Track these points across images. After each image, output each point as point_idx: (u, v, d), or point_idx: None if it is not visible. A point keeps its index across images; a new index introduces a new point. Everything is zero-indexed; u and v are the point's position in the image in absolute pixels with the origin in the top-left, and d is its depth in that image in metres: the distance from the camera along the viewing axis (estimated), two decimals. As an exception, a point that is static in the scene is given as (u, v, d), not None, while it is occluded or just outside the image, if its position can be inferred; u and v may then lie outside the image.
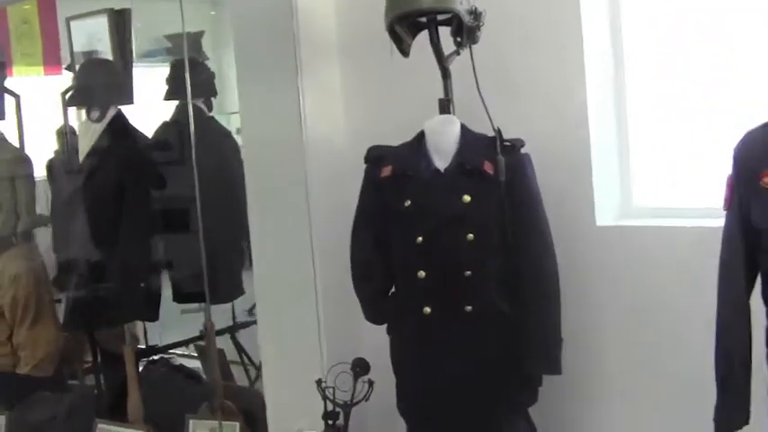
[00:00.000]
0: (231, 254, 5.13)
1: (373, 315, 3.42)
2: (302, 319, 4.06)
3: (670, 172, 3.43)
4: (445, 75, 3.25)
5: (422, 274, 3.15)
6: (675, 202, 3.39)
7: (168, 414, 4.97)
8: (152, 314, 4.79)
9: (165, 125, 5.17)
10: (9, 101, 5.56)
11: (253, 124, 4.15)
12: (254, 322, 5.89)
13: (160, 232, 4.76)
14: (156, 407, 4.97)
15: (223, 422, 4.55)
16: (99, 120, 4.67)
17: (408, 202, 3.18)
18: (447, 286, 3.15)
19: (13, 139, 5.47)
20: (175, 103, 5.20)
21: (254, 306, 5.84)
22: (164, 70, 5.57)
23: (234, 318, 5.77)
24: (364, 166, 3.37)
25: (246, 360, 5.99)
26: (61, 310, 5.45)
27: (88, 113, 4.70)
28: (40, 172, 5.47)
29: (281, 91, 4.01)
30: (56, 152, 5.70)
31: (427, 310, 3.16)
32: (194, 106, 5.08)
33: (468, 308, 3.13)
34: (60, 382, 5.49)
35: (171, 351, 5.78)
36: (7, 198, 5.21)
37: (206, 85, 5.16)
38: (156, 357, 5.48)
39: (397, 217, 3.21)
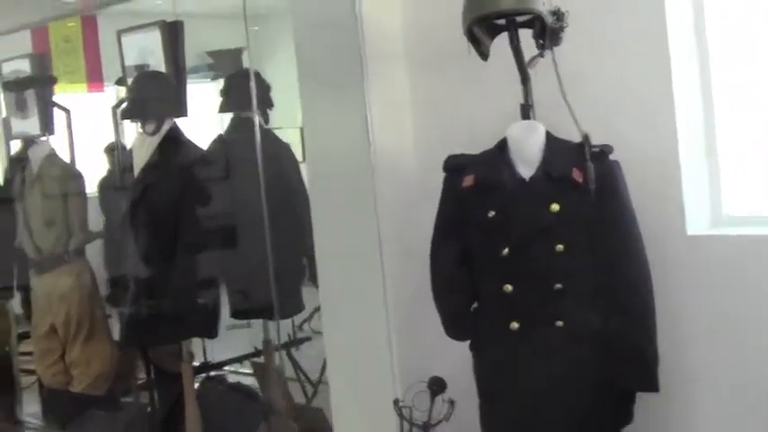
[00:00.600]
0: (290, 269, 5.04)
1: (456, 331, 3.30)
2: (372, 336, 3.97)
3: (761, 179, 3.32)
4: (525, 79, 3.14)
5: (508, 287, 3.05)
6: (766, 209, 3.28)
7: (225, 434, 4.92)
8: (211, 331, 4.71)
9: (220, 138, 5.10)
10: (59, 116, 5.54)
11: (317, 137, 4.05)
12: (309, 338, 5.89)
13: (217, 247, 4.66)
14: (212, 426, 4.91)
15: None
16: (154, 133, 4.61)
17: (492, 213, 3.08)
18: (536, 300, 3.04)
19: (64, 155, 5.44)
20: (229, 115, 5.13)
21: (303, 321, 5.81)
22: (205, 86, 5.53)
23: (294, 333, 5.67)
24: (435, 176, 3.28)
25: (303, 377, 5.91)
26: (115, 327, 5.44)
27: (143, 127, 4.64)
28: (90, 188, 5.44)
29: (347, 102, 3.92)
30: (108, 169, 5.68)
31: (515, 325, 3.05)
32: (249, 119, 5.05)
33: (559, 323, 3.02)
34: (113, 401, 5.44)
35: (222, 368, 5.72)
36: (59, 215, 5.18)
37: (262, 98, 5.08)
38: (211, 374, 5.41)
39: (481, 228, 3.11)
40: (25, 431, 5.89)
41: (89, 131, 5.82)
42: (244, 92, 5.02)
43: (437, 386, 3.55)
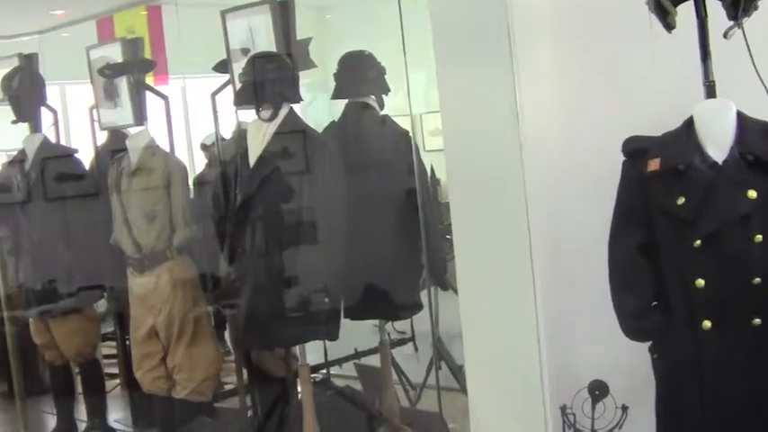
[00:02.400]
0: (410, 266, 4.87)
1: (636, 331, 3.10)
2: (518, 338, 3.77)
3: None
4: (706, 55, 2.96)
5: (700, 282, 2.86)
6: None
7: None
8: (332, 332, 4.53)
9: (332, 125, 4.94)
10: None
11: (458, 121, 3.87)
12: (411, 339, 5.74)
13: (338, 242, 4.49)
14: (326, 434, 4.75)
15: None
16: (271, 119, 4.45)
17: (682, 200, 2.89)
18: (731, 296, 2.85)
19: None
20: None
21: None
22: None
23: (414, 333, 5.53)
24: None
25: (405, 380, 5.76)
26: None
27: (257, 112, 4.48)
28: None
29: (491, 83, 3.74)
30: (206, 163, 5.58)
31: (707, 324, 2.87)
32: (365, 104, 4.90)
33: (757, 321, 2.83)
34: (211, 407, 5.31)
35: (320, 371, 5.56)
36: (161, 209, 5.04)
37: (377, 82, 4.92)
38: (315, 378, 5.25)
39: (669, 217, 2.93)
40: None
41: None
42: (358, 76, 4.88)
43: (600, 391, 3.41)
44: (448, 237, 5.04)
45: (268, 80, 4.42)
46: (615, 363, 3.43)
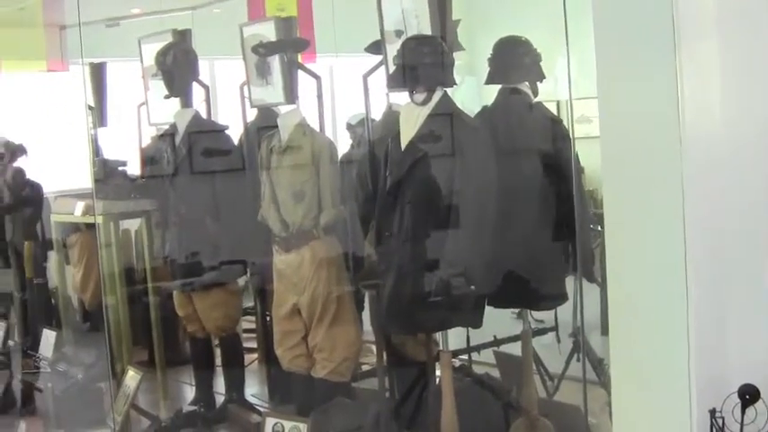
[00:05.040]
0: (556, 256, 4.90)
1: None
2: (667, 337, 3.78)
3: None
4: None
5: None
6: None
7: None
8: (476, 320, 4.61)
9: (485, 110, 5.01)
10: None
11: (615, 110, 3.88)
12: (553, 329, 5.75)
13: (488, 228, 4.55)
14: (463, 421, 4.82)
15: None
16: (424, 103, 4.53)
17: None
18: None
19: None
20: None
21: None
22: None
23: (557, 323, 5.55)
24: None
25: (543, 370, 5.79)
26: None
27: (411, 96, 4.57)
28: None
29: (652, 73, 3.73)
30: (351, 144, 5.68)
31: None
32: (519, 90, 4.94)
33: None
34: (350, 387, 5.44)
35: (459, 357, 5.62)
36: (310, 187, 5.17)
37: (532, 69, 4.95)
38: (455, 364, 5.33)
39: None
40: (254, 413, 5.94)
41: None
42: (513, 62, 4.93)
43: (750, 396, 3.39)
44: (591, 226, 5.08)
45: (423, 64, 4.50)
46: (768, 367, 3.42)
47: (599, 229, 4.76)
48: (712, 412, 3.37)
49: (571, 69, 4.84)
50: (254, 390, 6.55)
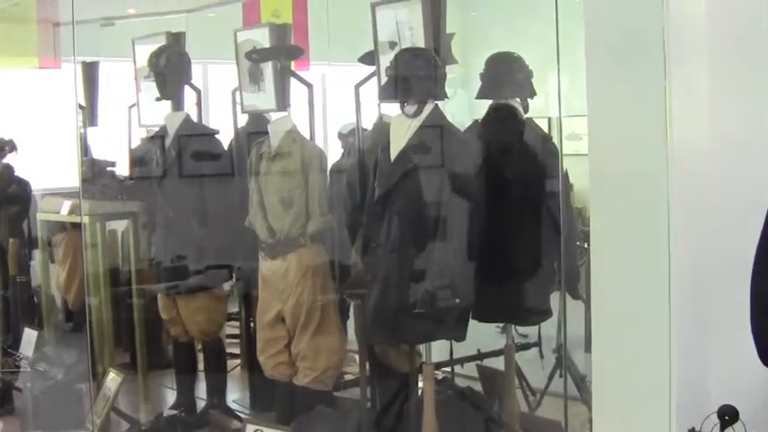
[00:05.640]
0: (543, 272, 4.94)
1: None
2: (648, 354, 3.81)
3: None
4: None
5: None
6: None
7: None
8: (460, 333, 4.65)
9: (475, 124, 5.05)
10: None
11: (604, 128, 3.92)
12: (536, 344, 5.79)
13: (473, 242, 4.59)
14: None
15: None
16: (415, 115, 4.57)
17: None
18: None
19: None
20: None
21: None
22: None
23: (540, 339, 5.60)
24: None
25: (525, 385, 5.83)
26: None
27: (402, 107, 4.61)
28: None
29: (642, 93, 3.78)
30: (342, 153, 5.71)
31: None
32: (510, 106, 4.98)
33: None
34: (332, 397, 5.46)
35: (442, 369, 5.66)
36: (298, 195, 5.20)
37: (524, 85, 5.00)
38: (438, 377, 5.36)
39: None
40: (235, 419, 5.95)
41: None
42: (505, 78, 4.97)
43: (729, 416, 3.43)
44: (577, 243, 5.12)
45: (415, 76, 4.53)
46: (747, 389, 3.45)
47: (586, 246, 4.81)
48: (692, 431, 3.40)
49: (562, 87, 4.89)
50: (235, 396, 6.57)
